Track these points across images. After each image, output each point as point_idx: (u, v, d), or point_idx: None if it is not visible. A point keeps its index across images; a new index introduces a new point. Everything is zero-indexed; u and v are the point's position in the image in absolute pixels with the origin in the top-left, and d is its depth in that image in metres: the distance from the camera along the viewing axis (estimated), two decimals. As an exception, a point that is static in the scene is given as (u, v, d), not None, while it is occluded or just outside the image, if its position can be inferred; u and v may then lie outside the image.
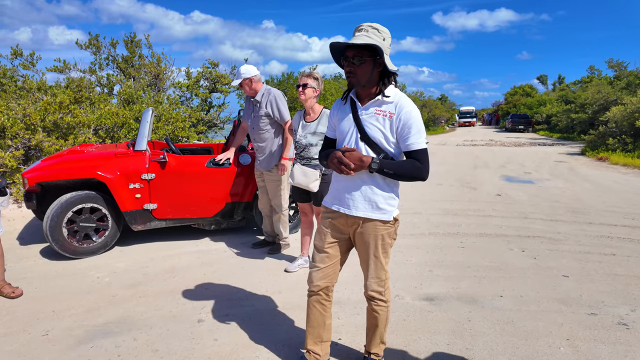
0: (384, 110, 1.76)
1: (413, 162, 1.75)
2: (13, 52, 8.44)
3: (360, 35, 1.68)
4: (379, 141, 1.77)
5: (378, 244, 1.87)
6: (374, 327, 2.02)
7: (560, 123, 23.76)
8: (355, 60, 1.70)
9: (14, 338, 2.44)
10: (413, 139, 1.74)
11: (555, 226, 4.82)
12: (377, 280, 1.93)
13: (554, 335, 2.47)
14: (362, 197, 1.83)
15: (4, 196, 2.87)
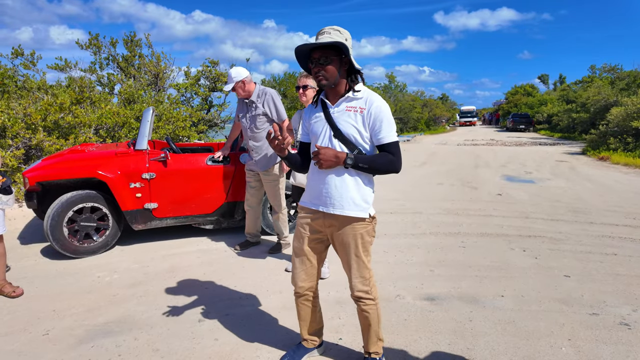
0: (354, 106, 1.80)
1: (386, 155, 1.79)
2: (14, 52, 8.44)
3: (323, 37, 1.73)
4: (353, 137, 1.80)
5: (358, 243, 1.88)
6: (367, 326, 2.02)
7: (562, 123, 23.72)
8: (322, 60, 1.74)
9: (14, 337, 2.44)
10: (384, 133, 1.78)
11: (557, 226, 4.81)
12: (361, 280, 1.93)
13: (556, 335, 2.46)
14: (339, 194, 1.83)
15: (9, 195, 2.88)
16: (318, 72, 1.76)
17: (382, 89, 27.50)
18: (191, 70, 10.08)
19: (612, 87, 20.15)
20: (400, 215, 5.32)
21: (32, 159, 6.08)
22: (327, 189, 1.85)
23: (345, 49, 1.72)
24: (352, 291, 1.95)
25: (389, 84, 29.82)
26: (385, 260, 3.69)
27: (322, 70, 1.75)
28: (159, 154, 3.94)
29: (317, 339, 2.20)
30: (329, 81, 1.78)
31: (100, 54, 9.58)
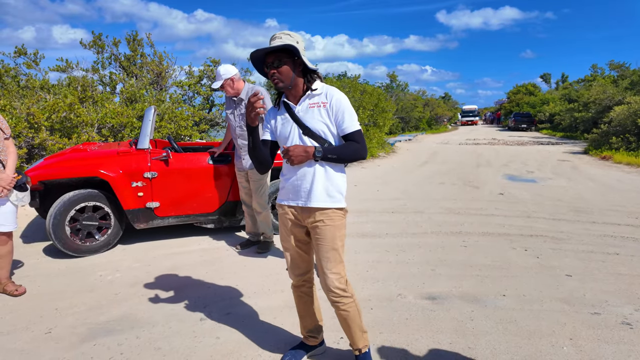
0: (317, 102, 1.87)
1: (352, 143, 1.86)
2: (17, 51, 8.47)
3: (275, 42, 1.81)
4: (322, 132, 1.85)
5: (335, 235, 1.89)
6: (351, 324, 1.99)
7: (564, 122, 23.64)
8: (275, 63, 1.81)
9: (17, 336, 2.45)
10: (348, 123, 1.85)
11: (558, 225, 4.80)
12: (337, 276, 1.91)
13: (557, 334, 2.46)
14: (314, 187, 1.87)
15: (25, 192, 2.93)
16: (273, 75, 1.83)
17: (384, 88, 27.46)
18: (193, 70, 10.09)
19: (616, 86, 20.05)
20: (402, 214, 5.31)
21: (35, 158, 6.10)
22: (300, 184, 1.89)
23: (296, 50, 1.79)
24: (328, 290, 1.92)
25: (391, 83, 29.78)
26: (387, 260, 3.69)
27: (277, 73, 1.82)
28: (161, 153, 3.95)
29: (317, 337, 2.21)
30: (284, 83, 1.84)
31: (102, 53, 9.60)
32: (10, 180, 2.82)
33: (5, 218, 2.89)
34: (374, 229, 4.68)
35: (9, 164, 2.87)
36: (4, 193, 2.80)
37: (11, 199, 2.90)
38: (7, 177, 2.81)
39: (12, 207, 2.92)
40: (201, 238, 4.31)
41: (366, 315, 2.67)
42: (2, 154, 2.83)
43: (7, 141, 2.91)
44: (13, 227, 2.95)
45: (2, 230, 2.89)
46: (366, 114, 12.77)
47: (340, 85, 13.20)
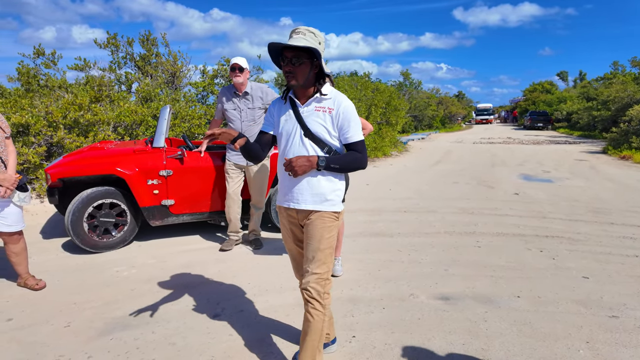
0: (323, 106, 1.86)
1: (353, 153, 1.86)
2: (35, 52, 8.67)
3: (298, 38, 1.76)
4: (322, 136, 1.84)
5: (324, 236, 1.86)
6: (305, 334, 1.87)
7: (581, 120, 23.12)
8: (293, 60, 1.78)
9: (38, 329, 2.52)
10: (352, 132, 1.85)
11: (575, 226, 4.71)
12: (316, 276, 1.84)
13: (573, 337, 2.42)
14: (310, 190, 1.87)
15: (26, 192, 2.95)
16: (289, 72, 1.79)
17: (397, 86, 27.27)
18: (207, 69, 10.18)
19: (637, 84, 19.52)
20: (414, 214, 5.28)
21: (54, 156, 6.25)
22: (298, 186, 1.88)
23: (318, 54, 1.76)
24: (304, 288, 1.86)
25: (404, 81, 29.56)
26: (399, 259, 3.67)
27: (293, 70, 1.79)
28: (176, 151, 4.00)
29: (329, 333, 2.21)
30: (297, 82, 1.81)
31: (118, 53, 9.76)
32: (13, 181, 2.81)
33: (12, 218, 2.91)
34: (386, 228, 4.66)
35: (10, 163, 2.86)
36: (8, 193, 2.80)
37: (14, 199, 2.89)
38: (10, 178, 2.80)
39: (17, 207, 2.93)
40: (214, 236, 4.36)
41: (378, 315, 2.67)
42: (3, 153, 2.83)
43: (7, 140, 2.90)
44: (21, 226, 2.98)
45: (11, 230, 2.92)
46: (378, 112, 12.70)
47: (351, 83, 13.15)
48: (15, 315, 2.69)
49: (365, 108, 12.23)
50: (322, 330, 1.87)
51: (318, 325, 1.85)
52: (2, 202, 2.86)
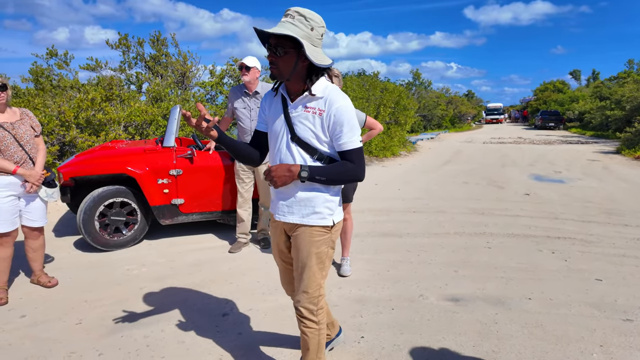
0: (313, 107, 1.60)
1: (345, 164, 1.60)
2: (48, 52, 8.80)
3: (285, 23, 1.51)
4: (311, 142, 1.61)
5: (311, 252, 1.68)
6: (305, 351, 1.81)
7: (594, 120, 22.75)
8: (277, 50, 1.52)
9: (50, 325, 2.56)
10: (346, 138, 1.58)
11: (588, 227, 4.63)
12: (306, 296, 1.71)
13: (586, 340, 2.38)
14: (297, 201, 1.67)
15: (54, 188, 3.03)
16: (271, 63, 1.56)
17: (406, 85, 27.14)
18: (216, 69, 10.24)
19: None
20: (424, 214, 5.25)
21: (66, 155, 6.34)
22: (285, 196, 1.69)
23: (301, 45, 1.48)
24: (296, 306, 1.76)
25: (414, 80, 29.41)
26: (408, 260, 3.65)
27: (275, 61, 1.54)
28: (186, 151, 4.03)
29: (329, 333, 2.17)
30: (280, 74, 1.57)
31: (129, 53, 9.87)
32: (39, 177, 2.90)
33: (36, 214, 3.00)
34: (395, 228, 4.64)
35: (39, 160, 2.96)
36: (33, 189, 2.89)
37: (40, 194, 2.99)
38: (37, 174, 2.89)
39: (41, 203, 3.02)
40: (224, 234, 4.38)
41: (387, 316, 2.66)
42: (32, 151, 2.93)
43: (38, 139, 3.01)
44: (44, 222, 3.07)
45: (34, 226, 3.01)
46: (387, 112, 12.65)
47: (360, 83, 13.11)
48: (29, 312, 2.73)
49: (373, 108, 12.19)
50: (318, 344, 1.80)
51: (314, 341, 1.78)
52: (29, 197, 2.94)
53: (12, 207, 2.84)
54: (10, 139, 2.79)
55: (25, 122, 2.93)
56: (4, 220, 2.79)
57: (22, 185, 2.86)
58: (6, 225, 2.81)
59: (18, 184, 2.84)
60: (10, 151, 2.79)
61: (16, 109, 2.95)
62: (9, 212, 2.81)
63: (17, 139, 2.83)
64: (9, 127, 2.81)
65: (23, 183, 2.86)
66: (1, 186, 2.77)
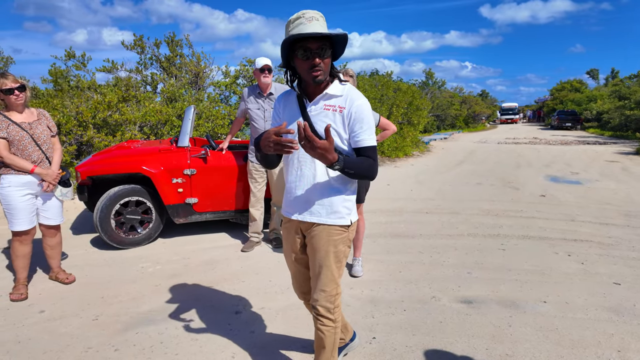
0: (333, 105, 1.63)
1: (367, 159, 1.63)
2: (67, 54, 9.00)
3: (318, 24, 1.52)
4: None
5: (329, 251, 1.69)
6: (320, 349, 1.81)
7: (613, 120, 22.22)
8: (322, 52, 1.54)
9: (67, 321, 2.62)
10: (365, 135, 1.63)
11: (606, 230, 4.53)
12: (323, 293, 1.72)
13: (603, 345, 2.33)
14: (316, 201, 1.68)
15: (68, 187, 3.10)
16: (318, 65, 1.54)
17: (419, 85, 26.93)
18: (230, 70, 10.33)
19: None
20: (437, 215, 5.21)
21: (83, 155, 6.47)
22: (304, 195, 1.70)
23: (345, 43, 1.57)
24: (313, 304, 1.76)
25: (427, 80, 29.16)
26: (420, 261, 3.63)
27: (322, 64, 1.55)
28: (200, 151, 4.08)
29: (344, 337, 2.15)
30: (325, 77, 1.59)
31: (144, 54, 10.02)
32: (55, 176, 2.96)
33: (53, 212, 3.06)
34: (407, 229, 4.61)
35: (55, 160, 3.02)
36: (50, 188, 2.96)
37: (56, 194, 3.05)
38: (53, 173, 2.95)
39: (57, 201, 3.09)
40: (237, 234, 4.41)
41: (399, 317, 2.65)
42: (49, 150, 2.99)
43: (54, 138, 3.07)
44: (60, 220, 3.13)
45: (51, 224, 3.07)
46: (400, 112, 12.57)
47: (372, 83, 13.06)
48: (47, 308, 2.80)
49: (386, 108, 12.13)
50: (334, 343, 1.80)
51: (330, 339, 1.78)
52: (45, 196, 3.01)
53: (30, 206, 2.91)
54: (28, 139, 2.86)
55: (42, 122, 2.99)
56: (22, 218, 2.87)
57: (39, 184, 2.93)
58: (24, 223, 2.88)
59: (35, 183, 2.91)
60: (28, 151, 2.86)
61: (33, 109, 3.02)
62: (27, 211, 2.88)
63: (35, 139, 2.89)
64: (27, 127, 2.87)
65: (40, 182, 2.93)
66: (19, 185, 2.84)
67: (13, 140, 2.80)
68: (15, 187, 2.83)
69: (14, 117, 2.84)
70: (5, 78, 2.77)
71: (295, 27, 1.54)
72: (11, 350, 2.31)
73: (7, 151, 2.80)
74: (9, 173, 2.82)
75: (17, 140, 2.81)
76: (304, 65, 1.57)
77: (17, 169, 2.82)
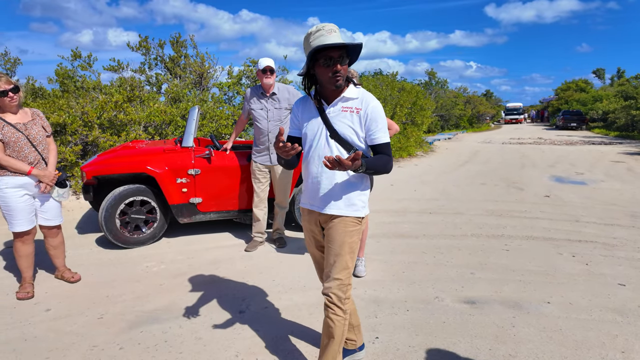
0: (350, 107, 1.81)
1: (383, 156, 1.80)
2: (73, 54, 9.07)
3: (337, 36, 1.72)
4: (350, 138, 1.80)
5: (345, 242, 1.82)
6: (328, 340, 1.85)
7: (619, 120, 22.07)
8: (342, 60, 1.73)
9: (73, 319, 2.65)
10: (380, 133, 1.80)
11: (611, 230, 4.51)
12: (338, 282, 1.81)
13: (607, 346, 2.32)
14: (335, 194, 1.83)
15: (65, 188, 3.10)
16: (339, 72, 1.73)
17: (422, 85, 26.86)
18: (233, 70, 10.36)
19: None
20: (440, 215, 5.20)
21: (89, 155, 6.52)
22: (323, 189, 1.84)
23: (359, 53, 1.77)
24: (325, 293, 1.83)
25: (430, 80, 29.08)
26: (424, 261, 3.63)
27: (342, 70, 1.74)
28: (204, 151, 4.10)
29: (355, 340, 2.15)
30: (343, 81, 1.77)
31: (149, 55, 10.07)
32: (52, 177, 2.95)
33: (52, 213, 3.07)
34: (411, 229, 4.61)
35: (51, 160, 3.01)
36: (47, 189, 2.95)
37: (52, 195, 3.04)
38: (50, 174, 2.94)
39: (56, 202, 3.08)
40: (240, 234, 4.43)
41: (402, 317, 2.65)
42: (44, 151, 2.97)
43: (49, 139, 3.06)
44: (59, 220, 3.14)
45: (51, 225, 3.08)
46: (404, 112, 12.55)
47: (376, 83, 13.05)
48: (53, 306, 2.83)
49: (390, 108, 12.12)
50: (342, 335, 1.84)
51: (339, 330, 1.83)
52: (43, 197, 3.02)
53: (29, 206, 2.90)
54: (24, 140, 2.83)
55: (37, 122, 2.96)
56: (22, 219, 2.87)
57: (37, 185, 2.91)
58: (24, 224, 2.89)
59: (32, 184, 2.89)
60: (24, 152, 2.84)
61: (27, 109, 2.98)
62: (26, 211, 2.88)
63: (30, 139, 2.87)
64: (22, 128, 2.85)
65: (37, 183, 2.91)
66: (16, 186, 2.83)
67: (9, 142, 2.77)
68: (13, 188, 2.81)
69: (8, 119, 2.82)
70: None
71: (317, 39, 1.71)
72: (17, 348, 2.34)
73: (2, 153, 2.77)
74: (5, 175, 2.79)
75: (13, 142, 2.78)
76: (326, 72, 1.73)
77: (13, 170, 2.80)
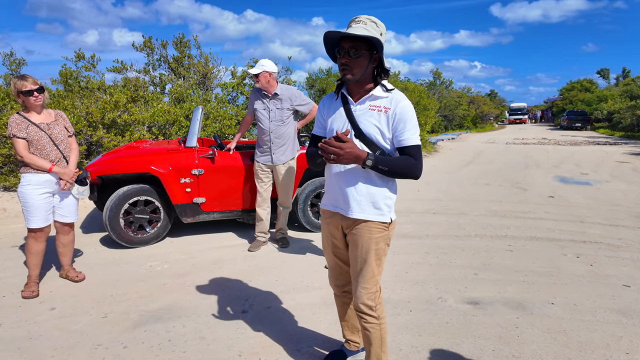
0: (378, 105, 1.70)
1: (408, 158, 1.67)
2: (77, 55, 9.12)
3: (358, 27, 1.60)
4: (375, 138, 1.69)
5: (371, 248, 1.74)
6: (368, 346, 1.86)
7: (624, 120, 21.93)
8: (352, 52, 1.61)
9: (78, 318, 2.66)
10: (408, 134, 1.67)
11: (615, 231, 4.48)
12: (365, 291, 1.77)
13: (612, 348, 2.31)
14: (359, 196, 1.73)
15: (85, 186, 3.18)
16: (345, 65, 1.63)
17: (427, 85, 26.79)
18: (237, 70, 10.38)
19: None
20: (444, 216, 5.19)
21: (93, 155, 6.56)
22: (346, 191, 1.74)
23: (380, 46, 1.60)
24: (355, 303, 1.81)
25: (434, 80, 29.01)
26: (427, 262, 3.62)
27: (350, 63, 1.63)
28: (207, 151, 4.11)
29: (358, 342, 2.14)
30: (354, 76, 1.65)
31: (153, 55, 10.11)
32: (72, 175, 3.06)
33: (68, 210, 3.14)
34: (414, 229, 4.60)
35: (72, 159, 3.12)
36: (67, 186, 3.05)
37: (73, 192, 3.14)
38: (70, 172, 3.04)
39: (73, 200, 3.17)
40: (243, 233, 4.44)
41: (405, 318, 2.65)
42: (66, 150, 3.08)
43: (71, 138, 3.17)
44: (75, 218, 3.21)
45: (65, 221, 3.15)
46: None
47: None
48: (58, 305, 2.85)
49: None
50: (381, 337, 1.84)
51: (376, 335, 1.82)
52: (62, 194, 3.09)
53: (47, 204, 2.98)
54: (46, 139, 2.94)
55: (60, 122, 3.09)
56: (39, 216, 2.94)
57: (57, 182, 3.01)
58: (40, 221, 2.95)
59: (53, 181, 2.99)
60: (46, 150, 2.94)
61: (51, 110, 3.11)
62: (43, 209, 2.95)
63: (53, 138, 2.98)
64: (45, 128, 2.96)
65: (58, 181, 3.01)
66: (37, 184, 2.92)
67: (32, 140, 2.89)
68: (34, 185, 2.91)
69: (32, 118, 2.94)
70: (25, 80, 2.86)
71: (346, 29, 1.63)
72: (22, 346, 2.35)
73: (26, 151, 2.88)
74: (28, 172, 2.91)
75: (36, 140, 2.90)
76: (338, 63, 1.67)
77: (35, 167, 2.90)
